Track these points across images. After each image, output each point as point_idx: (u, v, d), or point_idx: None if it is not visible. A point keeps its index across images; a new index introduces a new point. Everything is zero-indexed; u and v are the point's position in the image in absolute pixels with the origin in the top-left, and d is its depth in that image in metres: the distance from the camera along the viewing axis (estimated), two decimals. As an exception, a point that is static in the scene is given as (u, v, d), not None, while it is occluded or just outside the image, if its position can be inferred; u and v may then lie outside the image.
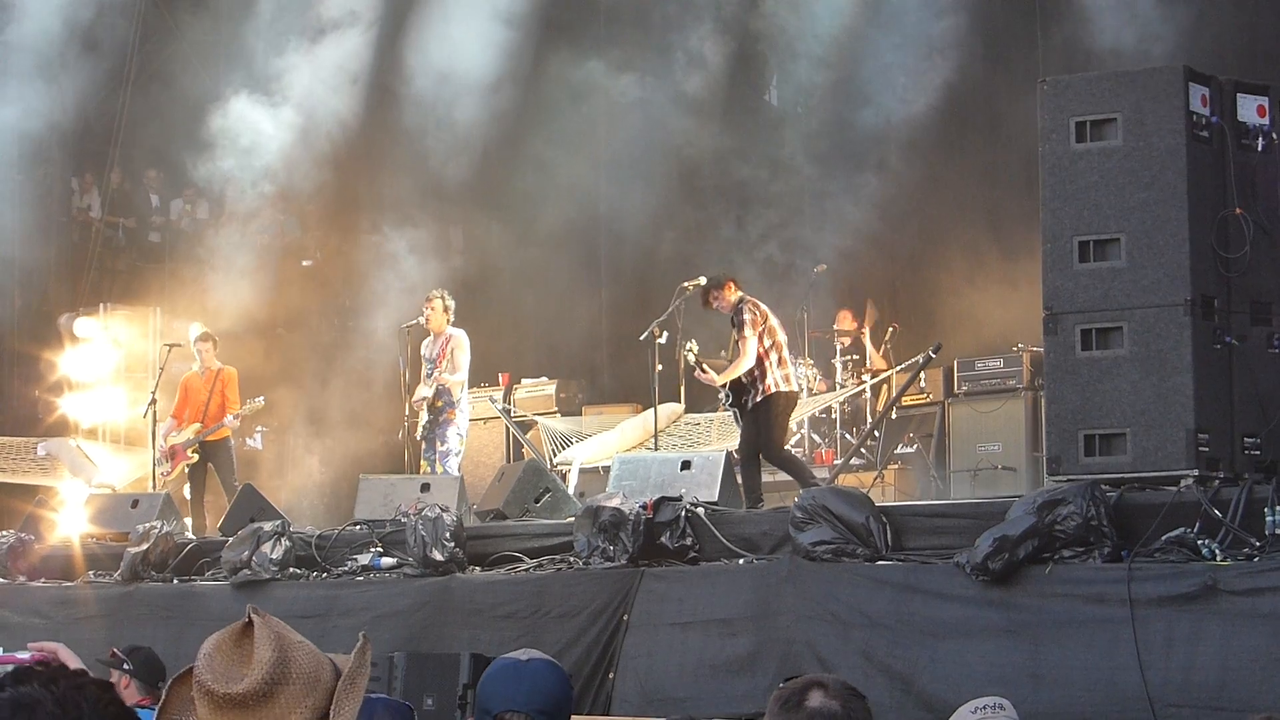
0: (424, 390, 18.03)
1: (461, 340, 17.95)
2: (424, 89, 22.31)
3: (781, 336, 15.49)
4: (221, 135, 23.33)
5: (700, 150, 23.73)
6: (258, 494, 16.84)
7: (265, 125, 22.63)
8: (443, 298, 18.06)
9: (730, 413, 15.66)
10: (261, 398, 19.32)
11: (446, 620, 13.52)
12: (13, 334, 24.81)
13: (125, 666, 9.79)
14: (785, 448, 15.89)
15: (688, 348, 16.02)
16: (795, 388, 15.82)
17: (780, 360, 15.29)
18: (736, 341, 15.33)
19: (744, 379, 15.21)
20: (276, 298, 24.50)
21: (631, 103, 24.06)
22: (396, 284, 22.12)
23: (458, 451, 18.02)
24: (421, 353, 18.24)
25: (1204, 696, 10.04)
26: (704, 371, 15.69)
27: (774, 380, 15.16)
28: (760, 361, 15.14)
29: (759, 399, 15.17)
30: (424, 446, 17.89)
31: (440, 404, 17.89)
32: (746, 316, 15.21)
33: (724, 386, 15.37)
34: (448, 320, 18.02)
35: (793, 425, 19.43)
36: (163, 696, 3.44)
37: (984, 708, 7.35)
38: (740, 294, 15.52)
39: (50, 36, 22.03)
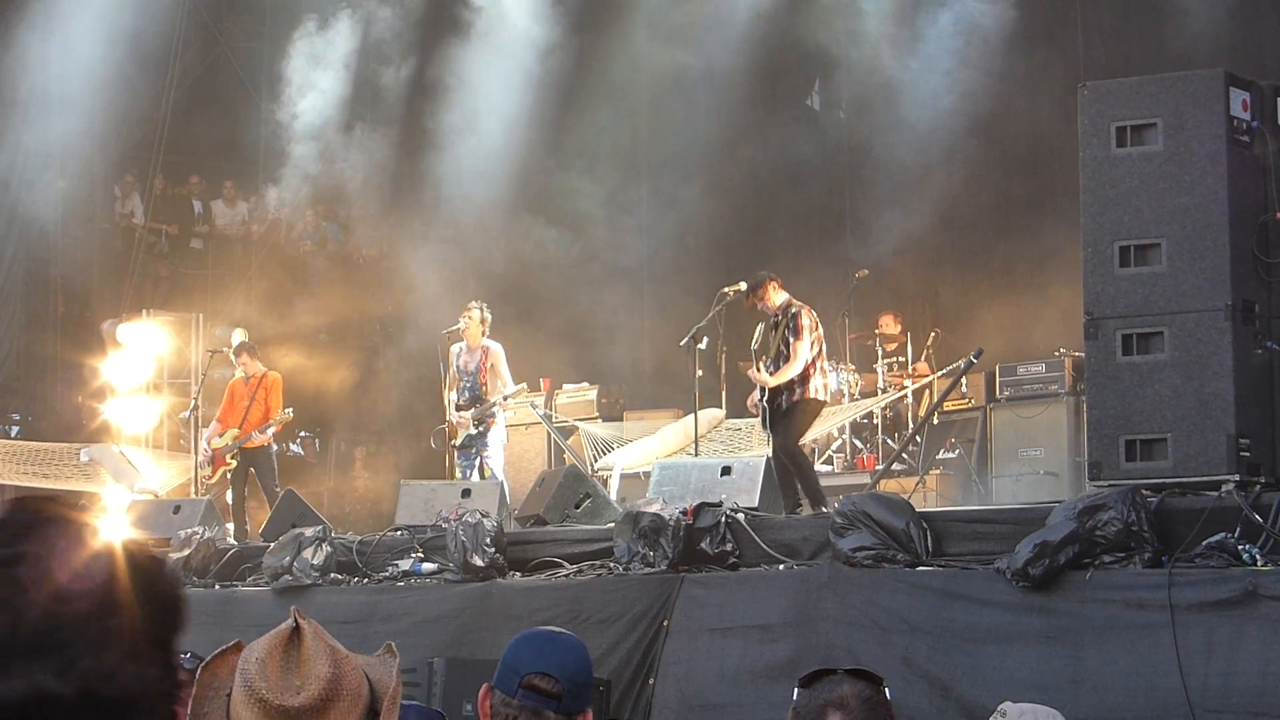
0: (455, 398, 17.91)
1: (500, 354, 17.86)
2: (465, 97, 22.36)
3: (823, 346, 15.45)
4: (264, 141, 23.44)
5: (742, 156, 23.73)
6: (299, 500, 16.90)
7: (307, 131, 22.72)
8: (480, 309, 17.94)
9: (760, 411, 15.45)
10: (289, 409, 19.26)
11: (486, 626, 13.53)
12: (56, 340, 24.92)
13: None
14: (799, 447, 15.68)
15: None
16: (827, 399, 15.85)
17: (822, 370, 15.27)
18: (780, 342, 15.17)
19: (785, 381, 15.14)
20: (319, 304, 24.61)
21: (674, 107, 24.09)
22: (438, 290, 22.16)
23: (499, 455, 17.96)
24: (453, 360, 18.12)
25: (1244, 702, 10.03)
26: (758, 371, 15.45)
27: (814, 388, 15.12)
28: (805, 368, 15.07)
29: (795, 399, 15.12)
30: (459, 455, 17.83)
31: (481, 417, 17.82)
32: (805, 322, 15.06)
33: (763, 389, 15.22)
34: (483, 332, 17.91)
35: (834, 430, 19.48)
36: (194, 689, 3.44)
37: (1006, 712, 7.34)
38: (786, 295, 15.35)
39: (92, 45, 22.09)
